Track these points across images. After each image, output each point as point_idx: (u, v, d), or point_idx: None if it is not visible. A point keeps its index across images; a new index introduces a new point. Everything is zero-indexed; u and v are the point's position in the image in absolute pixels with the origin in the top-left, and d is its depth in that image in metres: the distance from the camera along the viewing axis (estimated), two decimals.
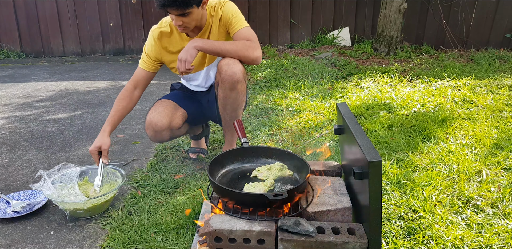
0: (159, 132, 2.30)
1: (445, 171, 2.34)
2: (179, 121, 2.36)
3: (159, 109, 2.33)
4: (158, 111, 2.31)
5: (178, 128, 2.37)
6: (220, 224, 1.46)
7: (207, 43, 2.14)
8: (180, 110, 2.40)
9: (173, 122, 2.33)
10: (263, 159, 1.88)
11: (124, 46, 6.70)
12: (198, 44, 2.12)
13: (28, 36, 6.63)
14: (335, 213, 1.60)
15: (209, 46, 2.15)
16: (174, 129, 2.36)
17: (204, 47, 2.14)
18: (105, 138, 2.21)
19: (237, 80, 2.19)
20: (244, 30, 2.23)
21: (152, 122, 2.28)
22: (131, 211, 2.14)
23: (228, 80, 2.18)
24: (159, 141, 2.39)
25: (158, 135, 2.32)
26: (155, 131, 2.29)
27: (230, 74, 2.17)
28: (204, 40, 2.15)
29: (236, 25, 2.23)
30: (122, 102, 2.32)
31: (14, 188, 2.43)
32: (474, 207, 2.01)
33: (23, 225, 2.07)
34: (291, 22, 6.33)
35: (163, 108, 2.33)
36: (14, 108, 4.00)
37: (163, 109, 2.32)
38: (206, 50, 2.16)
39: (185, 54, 2.10)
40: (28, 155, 2.90)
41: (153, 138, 2.36)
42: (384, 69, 4.73)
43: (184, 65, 2.10)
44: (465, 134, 2.85)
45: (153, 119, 2.28)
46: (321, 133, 3.02)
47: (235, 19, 2.24)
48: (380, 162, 1.34)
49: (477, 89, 3.90)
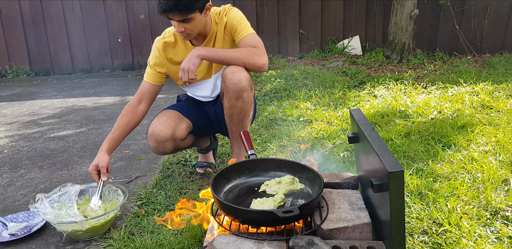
0: (161, 142, 2.18)
1: (469, 180, 2.17)
2: (183, 132, 2.24)
3: (162, 119, 2.22)
4: (161, 121, 2.20)
5: (182, 138, 2.25)
6: (225, 246, 1.31)
7: (210, 51, 2.04)
8: (184, 120, 2.29)
9: (177, 133, 2.21)
10: (272, 171, 1.74)
11: (132, 62, 6.67)
12: (201, 53, 2.02)
13: (37, 55, 6.64)
14: (353, 230, 1.44)
15: (213, 54, 2.04)
16: (178, 140, 2.23)
17: (207, 56, 2.03)
18: (102, 155, 2.10)
19: (243, 89, 2.08)
20: (250, 36, 2.13)
21: (154, 133, 2.17)
22: (133, 232, 2.01)
23: (233, 88, 2.07)
24: (162, 152, 2.27)
25: (160, 146, 2.20)
26: (157, 141, 2.18)
27: (235, 83, 2.06)
28: (207, 48, 2.05)
29: (241, 32, 2.13)
30: (124, 118, 2.22)
31: (13, 209, 2.32)
32: (503, 219, 1.83)
33: (19, 248, 1.95)
34: (300, 32, 6.24)
35: (166, 118, 2.22)
36: (19, 127, 3.93)
37: (166, 119, 2.21)
38: (210, 59, 2.06)
39: (187, 63, 2.00)
40: (29, 174, 2.80)
41: (155, 149, 2.24)
42: (397, 77, 4.58)
43: (187, 74, 2.00)
44: (487, 140, 2.68)
45: (155, 130, 2.17)
46: (335, 143, 2.87)
47: (240, 26, 2.14)
48: (402, 172, 1.19)
49: (496, 94, 3.72)
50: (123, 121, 2.21)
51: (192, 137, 2.39)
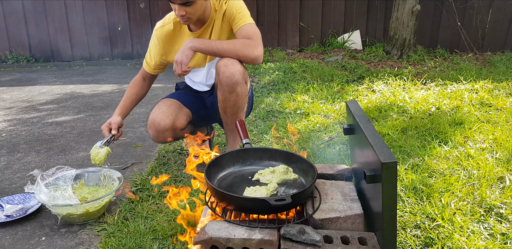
0: (161, 131, 2.19)
1: (464, 177, 2.18)
2: (183, 122, 2.25)
3: (162, 108, 2.22)
4: (161, 110, 2.20)
5: (181, 128, 2.26)
6: (217, 232, 1.32)
7: (203, 43, 2.03)
8: (184, 110, 2.29)
9: (177, 122, 2.21)
10: (266, 161, 1.74)
11: (132, 51, 6.64)
12: (194, 45, 2.01)
13: (37, 41, 6.60)
14: (345, 221, 1.45)
15: (206, 46, 2.03)
16: (178, 129, 2.24)
17: (200, 48, 2.03)
18: (116, 117, 2.25)
19: (236, 82, 2.06)
20: (247, 27, 2.11)
21: (155, 122, 2.17)
22: (127, 217, 2.02)
23: (227, 82, 2.05)
24: (161, 141, 2.28)
25: (160, 135, 2.21)
26: (158, 130, 2.19)
27: (228, 76, 2.04)
28: (201, 40, 2.04)
29: (239, 21, 2.11)
30: (132, 89, 2.36)
31: (10, 191, 2.33)
32: (497, 216, 1.84)
33: (14, 230, 1.96)
34: (300, 25, 6.21)
35: (167, 107, 2.23)
36: (18, 111, 3.92)
37: (167, 109, 2.21)
38: (203, 51, 2.05)
39: (180, 56, 1.99)
40: (26, 157, 2.80)
41: (155, 137, 2.24)
42: (396, 72, 4.57)
43: (181, 67, 1.99)
44: (485, 137, 2.68)
45: (156, 119, 2.18)
46: (331, 136, 2.87)
47: (239, 15, 2.12)
48: (395, 163, 1.19)
49: (496, 92, 3.72)
50: (133, 91, 2.35)
51: (191, 127, 2.39)
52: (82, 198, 2.04)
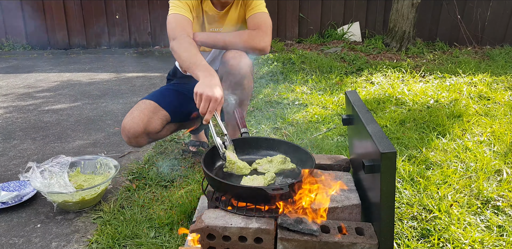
0: (133, 138, 2.07)
1: (461, 169, 2.18)
2: (156, 126, 2.12)
3: (134, 113, 2.09)
4: (132, 116, 2.07)
5: (156, 132, 2.14)
6: (214, 220, 1.31)
7: (209, 37, 2.00)
8: (160, 113, 2.15)
9: (150, 127, 2.09)
10: (264, 150, 1.73)
11: (129, 39, 6.57)
12: (199, 39, 1.97)
13: (33, 28, 6.53)
14: (342, 211, 1.45)
15: (212, 40, 2.00)
16: (152, 133, 2.13)
17: (206, 42, 2.00)
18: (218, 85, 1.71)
19: (244, 75, 2.03)
20: (259, 15, 2.07)
21: (125, 129, 2.06)
22: (123, 205, 2.01)
23: (234, 75, 2.02)
24: (136, 146, 2.16)
25: (133, 141, 2.10)
26: (129, 137, 2.07)
27: (236, 69, 2.00)
28: (206, 34, 2.01)
29: (254, 7, 2.07)
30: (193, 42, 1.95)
31: (5, 178, 2.32)
32: (494, 208, 1.85)
33: (9, 217, 1.95)
34: (299, 16, 6.16)
35: (138, 112, 2.08)
36: (14, 98, 3.89)
37: (139, 114, 2.08)
38: (209, 45, 2.02)
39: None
40: (22, 145, 2.78)
41: (129, 143, 2.13)
42: (395, 65, 4.55)
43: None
44: (482, 130, 2.68)
45: (126, 126, 2.06)
46: (329, 128, 2.86)
47: (255, 2, 2.08)
48: (395, 153, 1.19)
49: (494, 86, 3.71)
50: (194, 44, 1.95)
51: (173, 126, 2.28)
52: (78, 185, 2.03)
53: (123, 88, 4.24)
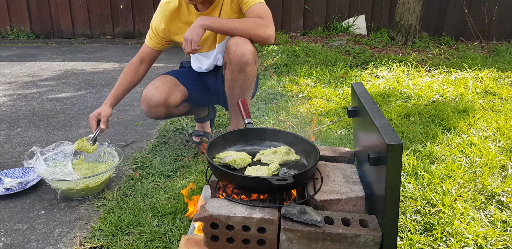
0: (153, 107, 2.16)
1: (466, 164, 2.17)
2: (176, 99, 2.21)
3: (156, 83, 2.18)
4: (155, 86, 2.16)
5: (175, 105, 2.22)
6: (217, 209, 1.31)
7: (214, 21, 1.98)
8: (180, 87, 2.25)
9: (170, 99, 2.17)
10: (268, 141, 1.72)
11: (134, 29, 6.55)
12: (205, 22, 1.95)
13: (38, 17, 6.51)
14: (346, 203, 1.45)
15: (217, 25, 1.98)
16: (171, 106, 2.21)
17: (211, 26, 1.97)
18: (106, 108, 2.16)
19: (246, 62, 2.02)
20: (258, 6, 2.05)
21: (147, 97, 2.14)
22: (127, 193, 2.01)
23: (237, 61, 2.01)
24: (154, 117, 2.25)
25: (152, 110, 2.18)
26: (149, 105, 2.16)
27: (239, 55, 2.00)
28: (211, 18, 1.98)
29: (249, 0, 2.06)
30: (127, 76, 2.25)
31: (9, 165, 2.32)
32: (498, 203, 1.84)
33: (13, 203, 1.96)
34: (305, 8, 6.12)
35: (161, 83, 2.19)
36: (18, 86, 3.89)
37: (161, 84, 2.18)
38: (213, 29, 2.00)
39: (191, 34, 1.93)
40: (26, 132, 2.79)
41: (147, 113, 2.22)
42: (401, 59, 4.53)
43: (190, 45, 1.94)
44: (488, 125, 2.67)
45: (148, 94, 2.14)
46: (333, 120, 2.85)
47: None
48: (401, 146, 1.18)
49: (500, 81, 3.69)
50: (127, 79, 2.24)
51: (187, 105, 2.35)
52: (82, 174, 2.04)
53: None
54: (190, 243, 1.38)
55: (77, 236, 1.71)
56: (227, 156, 1.56)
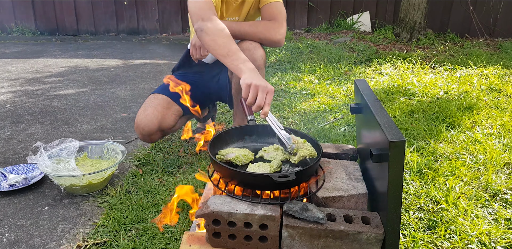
0: (147, 135, 2.09)
1: (470, 161, 2.16)
2: (170, 122, 2.13)
3: (148, 110, 2.08)
4: (146, 114, 2.07)
5: (170, 128, 2.16)
6: (219, 206, 1.31)
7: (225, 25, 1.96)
8: (173, 108, 2.15)
9: (164, 124, 2.09)
10: (271, 138, 1.72)
11: (138, 26, 6.56)
12: None
13: (42, 14, 6.53)
14: (348, 200, 1.44)
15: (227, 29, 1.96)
16: (166, 129, 2.14)
17: None
18: None
19: (258, 68, 1.99)
20: (275, 5, 2.03)
21: (139, 127, 2.07)
22: (130, 190, 2.02)
23: None
24: (149, 142, 2.19)
25: (147, 138, 2.11)
26: (143, 134, 2.09)
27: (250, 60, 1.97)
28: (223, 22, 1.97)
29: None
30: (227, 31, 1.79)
31: (13, 161, 2.33)
32: (502, 201, 1.83)
33: (17, 199, 1.97)
34: (309, 5, 6.10)
35: (152, 109, 2.08)
36: (23, 83, 3.90)
37: (152, 111, 2.07)
38: None
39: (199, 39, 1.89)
40: (30, 128, 2.80)
41: (142, 139, 2.15)
42: (405, 55, 4.50)
43: (199, 51, 1.92)
44: (492, 123, 2.65)
45: (140, 124, 2.06)
46: (336, 118, 2.85)
47: None
48: (404, 142, 1.17)
49: (506, 78, 3.66)
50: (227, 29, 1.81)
51: (184, 119, 2.29)
52: (85, 170, 2.04)
53: (131, 74, 4.24)
54: (192, 240, 1.38)
55: (80, 232, 1.72)
56: (229, 153, 1.56)
